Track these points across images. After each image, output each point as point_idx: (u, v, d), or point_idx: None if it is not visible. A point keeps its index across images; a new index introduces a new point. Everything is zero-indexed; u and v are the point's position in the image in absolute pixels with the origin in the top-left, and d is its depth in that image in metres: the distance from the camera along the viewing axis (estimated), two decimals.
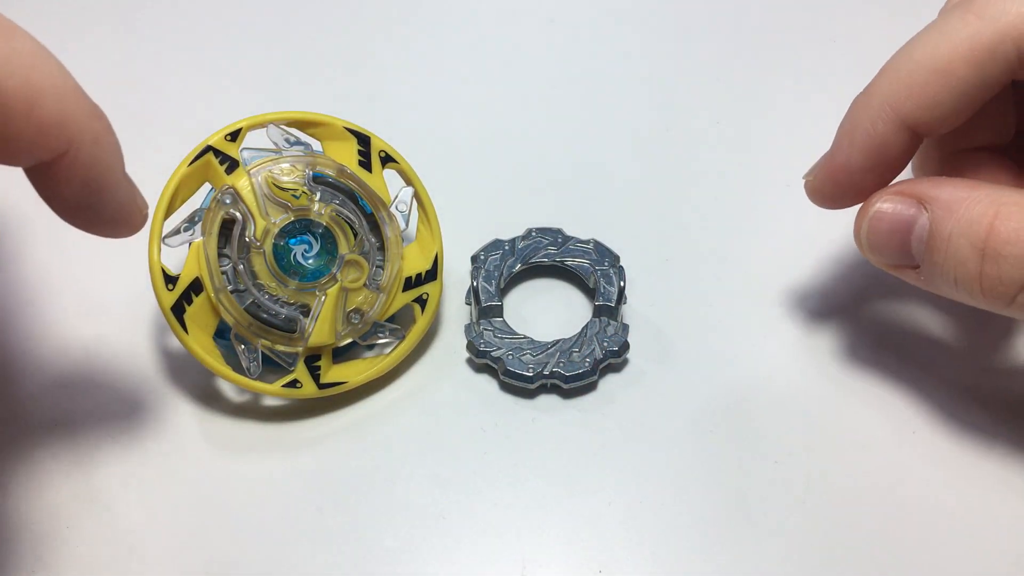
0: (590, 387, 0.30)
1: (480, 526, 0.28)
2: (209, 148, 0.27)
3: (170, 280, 0.27)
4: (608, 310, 0.30)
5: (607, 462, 0.29)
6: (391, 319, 0.30)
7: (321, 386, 0.29)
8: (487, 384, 0.30)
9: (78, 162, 0.20)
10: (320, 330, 0.28)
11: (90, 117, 0.21)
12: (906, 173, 0.28)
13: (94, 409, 0.29)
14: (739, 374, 0.30)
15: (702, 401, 0.30)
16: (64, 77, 0.20)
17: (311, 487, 0.28)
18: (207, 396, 0.30)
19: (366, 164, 0.29)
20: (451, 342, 0.31)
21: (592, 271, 0.31)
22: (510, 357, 0.29)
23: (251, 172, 0.28)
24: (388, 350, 0.30)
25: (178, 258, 0.28)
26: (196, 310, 0.28)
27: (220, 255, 0.28)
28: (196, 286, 0.28)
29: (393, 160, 0.30)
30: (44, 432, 0.29)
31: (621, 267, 0.31)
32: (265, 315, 0.28)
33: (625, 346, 0.30)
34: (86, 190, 0.21)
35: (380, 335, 0.29)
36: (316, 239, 0.28)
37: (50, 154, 0.20)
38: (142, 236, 0.27)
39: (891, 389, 0.30)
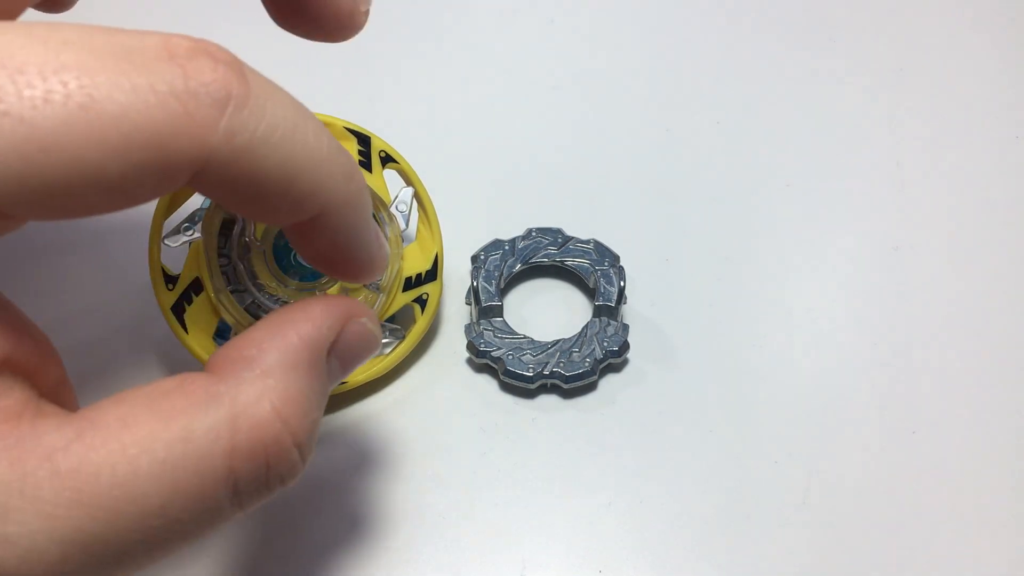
0: (590, 387, 0.30)
1: (480, 526, 0.28)
2: None
3: (170, 280, 0.27)
4: (608, 310, 0.30)
5: (607, 462, 0.29)
6: (391, 319, 0.30)
7: None
8: (487, 384, 0.30)
9: (328, 224, 0.19)
10: None
11: (344, 180, 0.19)
12: None
13: None
14: (739, 374, 0.30)
15: (702, 401, 0.30)
16: (319, 139, 0.19)
17: (311, 487, 0.28)
18: None
19: (366, 164, 0.29)
20: (451, 342, 0.31)
21: (592, 271, 0.31)
22: (510, 357, 0.29)
23: None
24: (388, 350, 0.30)
25: (178, 258, 0.28)
26: (196, 310, 0.28)
27: (220, 255, 0.28)
28: (196, 286, 0.28)
29: (393, 160, 0.30)
30: None
31: (621, 267, 0.31)
32: (265, 315, 0.28)
33: (625, 346, 0.30)
34: (334, 248, 0.20)
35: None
36: None
37: (301, 219, 0.19)
38: (142, 236, 0.28)
39: (891, 389, 0.30)
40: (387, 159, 0.30)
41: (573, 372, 0.29)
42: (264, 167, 0.17)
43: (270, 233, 0.28)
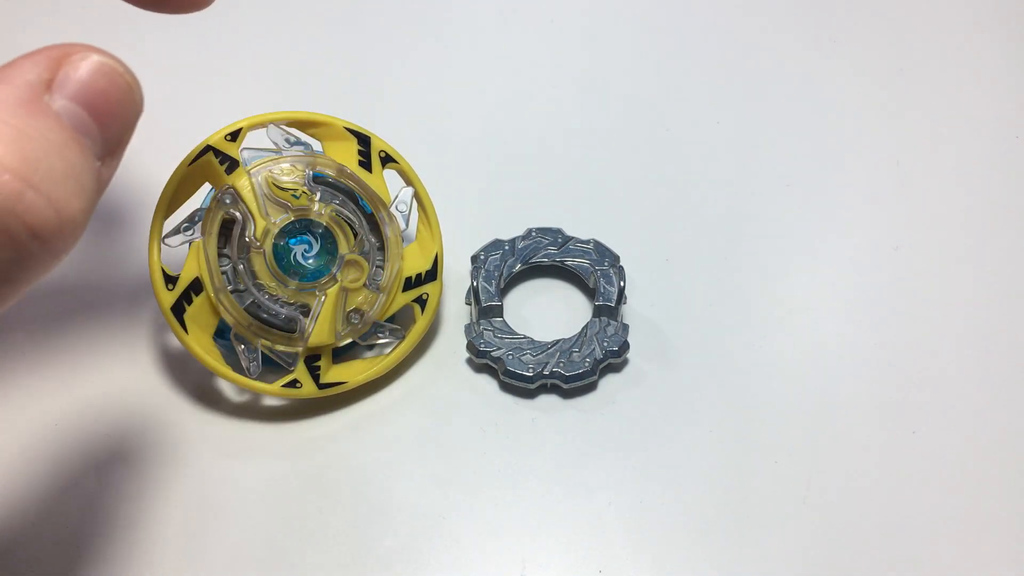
0: (590, 387, 0.30)
1: (480, 526, 0.28)
2: (209, 148, 0.27)
3: (170, 280, 0.27)
4: (608, 310, 0.30)
5: (607, 462, 0.29)
6: (391, 319, 0.30)
7: (321, 386, 0.29)
8: (487, 384, 0.30)
9: None
10: (320, 330, 0.28)
11: None
12: None
13: (94, 409, 0.29)
14: (739, 374, 0.30)
15: (702, 401, 0.30)
16: None
17: (311, 487, 0.28)
18: (207, 396, 0.30)
19: (366, 164, 0.29)
20: (451, 342, 0.31)
21: (592, 271, 0.31)
22: (510, 357, 0.29)
23: (251, 172, 0.28)
24: (388, 350, 0.30)
25: (178, 258, 0.28)
26: (196, 310, 0.28)
27: (220, 255, 0.28)
28: (196, 286, 0.28)
29: (393, 160, 0.30)
30: (44, 431, 0.29)
31: (621, 267, 0.31)
32: (265, 315, 0.28)
33: (625, 346, 0.30)
34: None
35: (380, 335, 0.29)
36: (316, 239, 0.28)
37: None
38: (142, 236, 0.28)
39: (891, 389, 0.30)
40: (387, 159, 0.30)
41: (573, 372, 0.29)
42: None
43: (270, 233, 0.28)
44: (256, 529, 0.27)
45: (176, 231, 0.27)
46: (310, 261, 0.28)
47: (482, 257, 0.31)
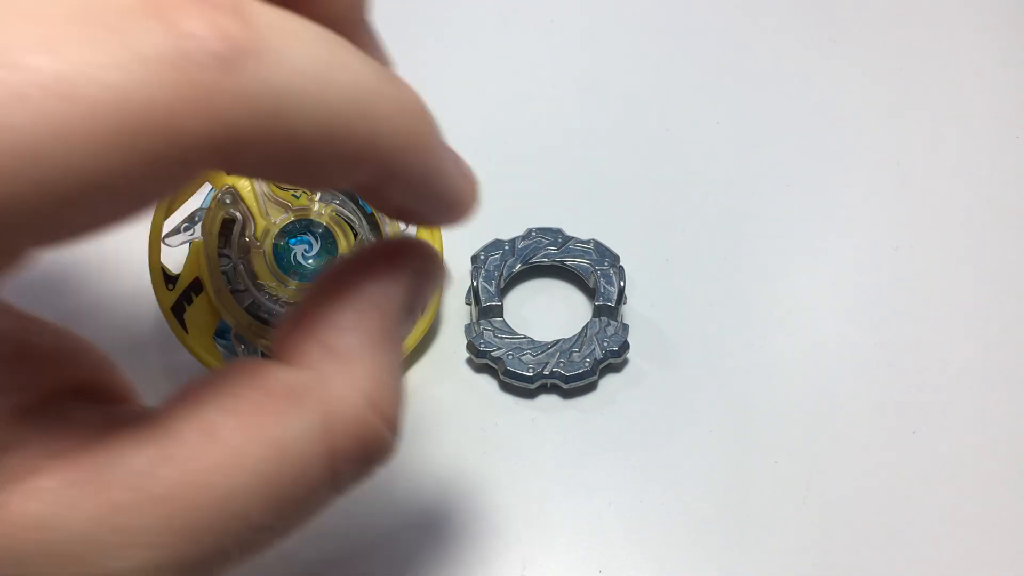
0: (590, 387, 0.30)
1: (480, 526, 0.28)
2: None
3: (170, 280, 0.27)
4: (608, 310, 0.30)
5: (607, 462, 0.29)
6: None
7: None
8: (487, 384, 0.30)
9: (400, 173, 0.16)
10: None
11: (407, 115, 0.16)
12: None
13: None
14: (739, 374, 0.30)
15: (702, 401, 0.30)
16: (361, 74, 0.14)
17: None
18: None
19: None
20: (451, 342, 0.31)
21: (592, 271, 0.31)
22: (510, 357, 0.29)
23: None
24: None
25: (178, 258, 0.28)
26: (196, 310, 0.28)
27: (220, 255, 0.28)
28: (196, 286, 0.28)
29: None
30: None
31: (621, 267, 0.31)
32: (265, 315, 0.28)
33: (625, 346, 0.30)
34: (416, 196, 0.17)
35: None
36: (316, 239, 0.28)
37: (367, 177, 0.16)
38: (142, 236, 0.28)
39: (891, 389, 0.30)
40: None
41: (573, 372, 0.29)
42: (301, 127, 0.14)
43: (270, 233, 0.28)
44: None
45: (176, 231, 0.27)
46: (310, 261, 0.28)
47: (482, 257, 0.31)
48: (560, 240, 0.32)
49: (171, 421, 0.15)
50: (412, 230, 0.31)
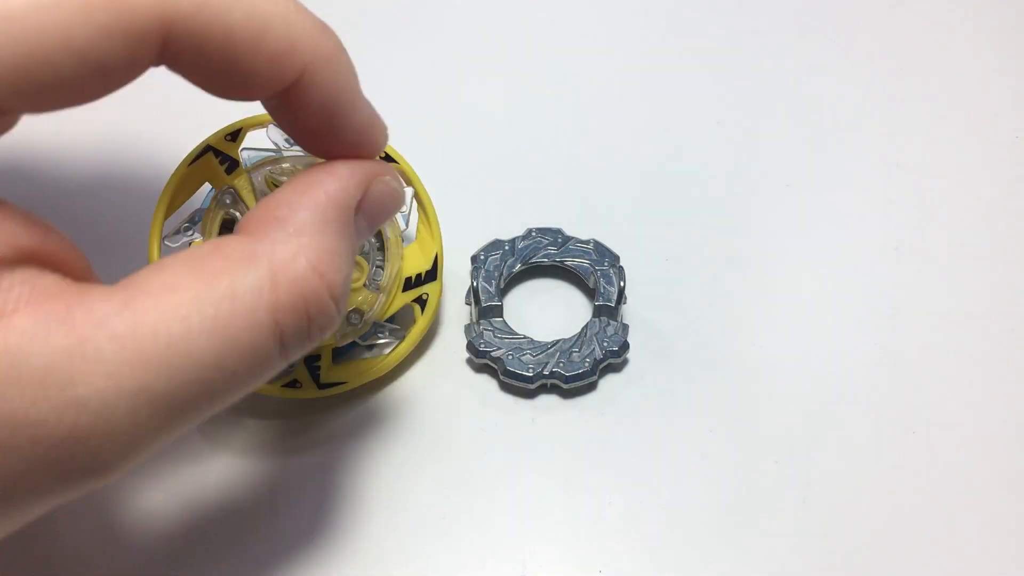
0: (590, 387, 0.30)
1: (480, 526, 0.28)
2: (209, 148, 0.27)
3: None
4: (608, 310, 0.30)
5: (607, 462, 0.29)
6: (391, 319, 0.30)
7: (321, 386, 0.29)
8: (487, 384, 0.30)
9: (314, 86, 0.20)
10: None
11: (320, 35, 0.20)
12: None
13: None
14: (739, 374, 0.30)
15: (702, 401, 0.30)
16: None
17: (311, 487, 0.28)
18: None
19: None
20: (451, 342, 0.31)
21: (592, 271, 0.31)
22: (510, 357, 0.29)
23: (251, 172, 0.28)
24: (388, 350, 0.30)
25: None
26: None
27: None
28: None
29: (393, 160, 0.30)
30: None
31: (621, 267, 0.31)
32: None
33: (625, 346, 0.30)
34: (324, 113, 0.20)
35: (380, 335, 0.29)
36: None
37: (284, 83, 0.19)
38: (142, 236, 0.28)
39: (891, 389, 0.30)
40: (387, 159, 0.30)
41: (573, 372, 0.29)
42: (230, 19, 0.18)
43: None
44: (256, 529, 0.27)
45: (176, 231, 0.27)
46: None
47: (482, 257, 0.31)
48: (560, 240, 0.32)
49: (138, 280, 0.18)
50: (412, 230, 0.31)
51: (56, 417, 0.16)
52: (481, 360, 0.30)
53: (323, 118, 0.21)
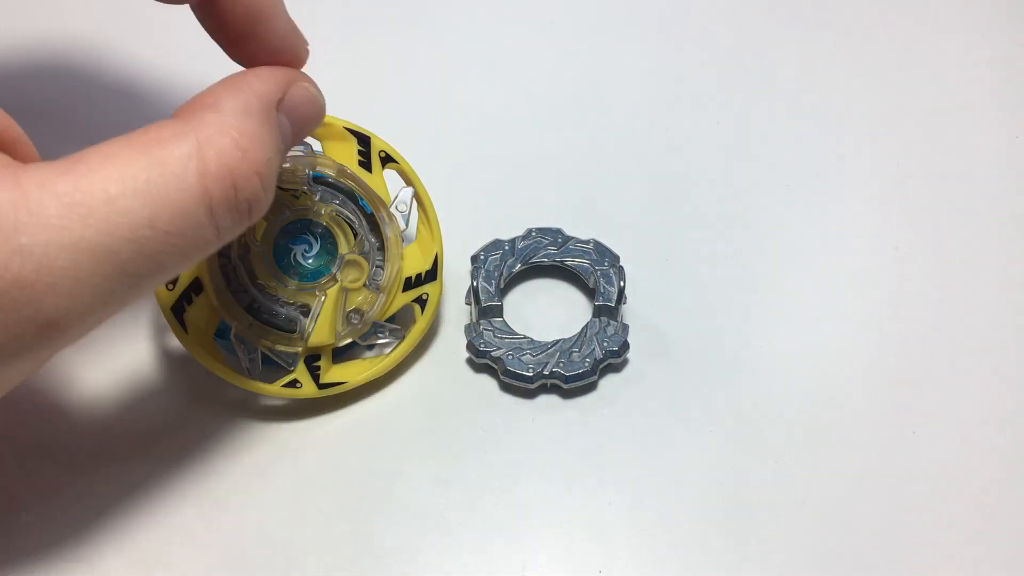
0: (590, 387, 0.30)
1: (480, 526, 0.28)
2: None
3: (170, 280, 0.27)
4: (608, 310, 0.30)
5: (607, 462, 0.29)
6: (391, 319, 0.30)
7: (321, 386, 0.29)
8: (487, 384, 0.30)
9: None
10: (320, 330, 0.28)
11: None
12: None
13: (94, 409, 0.29)
14: (739, 374, 0.30)
15: (702, 401, 0.30)
16: None
17: (311, 487, 0.28)
18: (207, 396, 0.30)
19: (366, 164, 0.29)
20: (451, 342, 0.31)
21: (592, 271, 0.31)
22: (510, 357, 0.29)
23: None
24: (388, 350, 0.30)
25: None
26: (196, 310, 0.28)
27: (220, 255, 0.28)
28: (196, 286, 0.28)
29: (393, 160, 0.30)
30: (42, 433, 0.29)
31: (621, 267, 0.31)
32: (265, 315, 0.28)
33: (625, 346, 0.30)
34: (249, 19, 0.23)
35: (380, 335, 0.29)
36: (316, 239, 0.28)
37: None
38: None
39: (891, 389, 0.30)
40: (387, 159, 0.30)
41: (573, 372, 0.29)
42: None
43: (270, 233, 0.28)
44: (255, 529, 0.27)
45: None
46: (310, 261, 0.28)
47: (482, 257, 0.31)
48: (560, 240, 0.32)
49: (80, 154, 0.20)
50: (412, 230, 0.31)
51: (1, 265, 0.18)
52: (481, 360, 0.30)
53: (247, 24, 0.24)
